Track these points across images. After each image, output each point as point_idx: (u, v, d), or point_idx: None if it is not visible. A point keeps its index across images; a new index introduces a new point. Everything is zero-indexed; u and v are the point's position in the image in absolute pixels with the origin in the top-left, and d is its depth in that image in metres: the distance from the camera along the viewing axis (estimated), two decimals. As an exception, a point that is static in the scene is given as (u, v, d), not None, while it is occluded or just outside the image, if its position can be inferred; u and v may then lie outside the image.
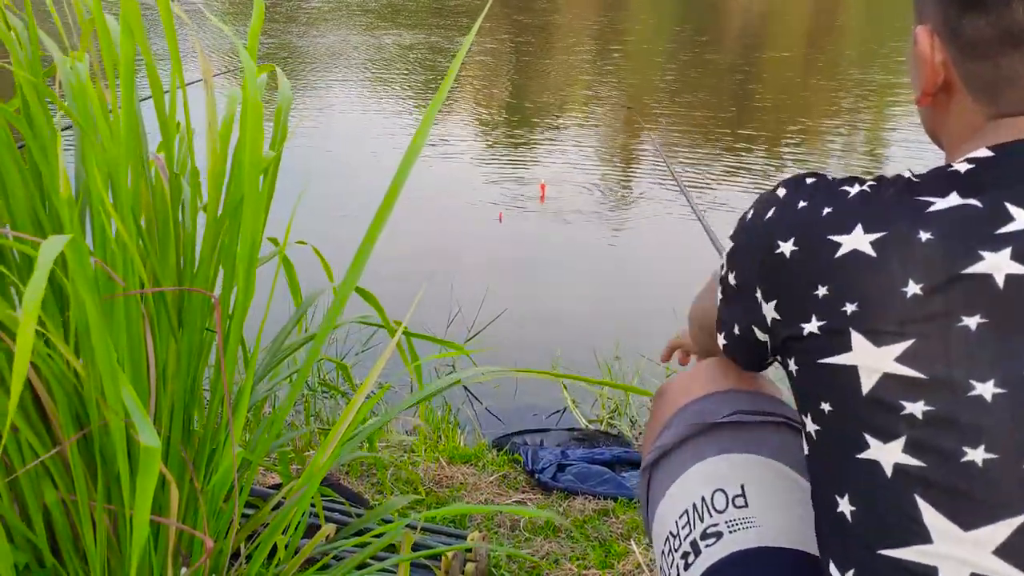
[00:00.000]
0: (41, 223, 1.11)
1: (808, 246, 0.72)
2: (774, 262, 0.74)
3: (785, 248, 0.73)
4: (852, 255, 0.69)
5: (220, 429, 1.19)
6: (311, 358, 1.18)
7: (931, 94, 0.79)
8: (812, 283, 0.71)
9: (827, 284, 0.70)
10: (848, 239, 0.70)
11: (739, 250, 0.81)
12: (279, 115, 1.20)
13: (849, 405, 0.69)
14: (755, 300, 0.78)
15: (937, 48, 0.77)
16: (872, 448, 0.68)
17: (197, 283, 1.15)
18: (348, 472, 2.08)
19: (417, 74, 9.10)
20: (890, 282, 0.67)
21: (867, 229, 0.69)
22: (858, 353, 0.68)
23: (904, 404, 0.66)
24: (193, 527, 1.18)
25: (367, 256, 1.10)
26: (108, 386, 0.93)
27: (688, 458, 0.96)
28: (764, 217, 0.77)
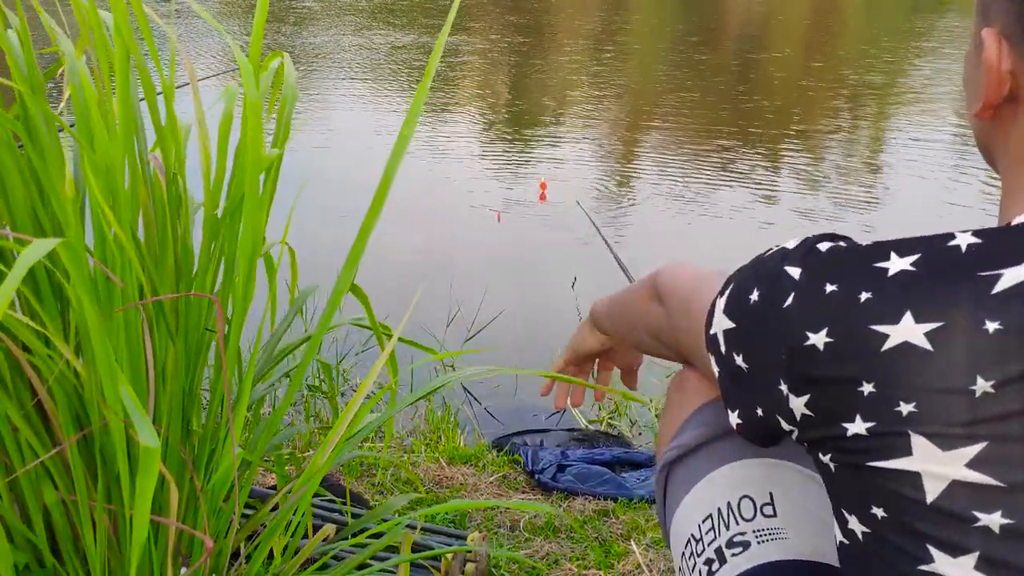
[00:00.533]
0: (41, 224, 1.11)
1: (846, 338, 0.62)
2: (803, 355, 0.64)
3: (817, 340, 0.64)
4: (903, 348, 0.60)
5: (220, 429, 1.20)
6: (307, 358, 1.18)
7: (994, 105, 0.69)
8: (854, 379, 0.62)
9: (873, 380, 0.61)
10: (896, 329, 0.60)
11: (746, 334, 0.71)
12: (282, 112, 1.20)
13: (909, 513, 0.61)
14: (778, 392, 0.68)
15: (1005, 54, 0.68)
16: (937, 563, 0.60)
17: (196, 284, 1.15)
18: (348, 472, 2.08)
19: (409, 74, 9.11)
20: (953, 380, 0.58)
21: (919, 318, 0.60)
22: (920, 458, 0.59)
23: (978, 515, 0.59)
24: (193, 527, 1.18)
25: (360, 255, 1.10)
26: (108, 386, 0.93)
27: (713, 459, 0.91)
28: (782, 305, 0.67)
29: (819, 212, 5.14)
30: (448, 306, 3.50)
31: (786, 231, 4.78)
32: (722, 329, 0.74)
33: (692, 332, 0.83)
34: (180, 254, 1.14)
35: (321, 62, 9.58)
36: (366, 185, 1.14)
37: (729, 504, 0.88)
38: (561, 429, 2.61)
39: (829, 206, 5.26)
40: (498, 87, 8.96)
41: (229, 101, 1.16)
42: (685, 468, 0.94)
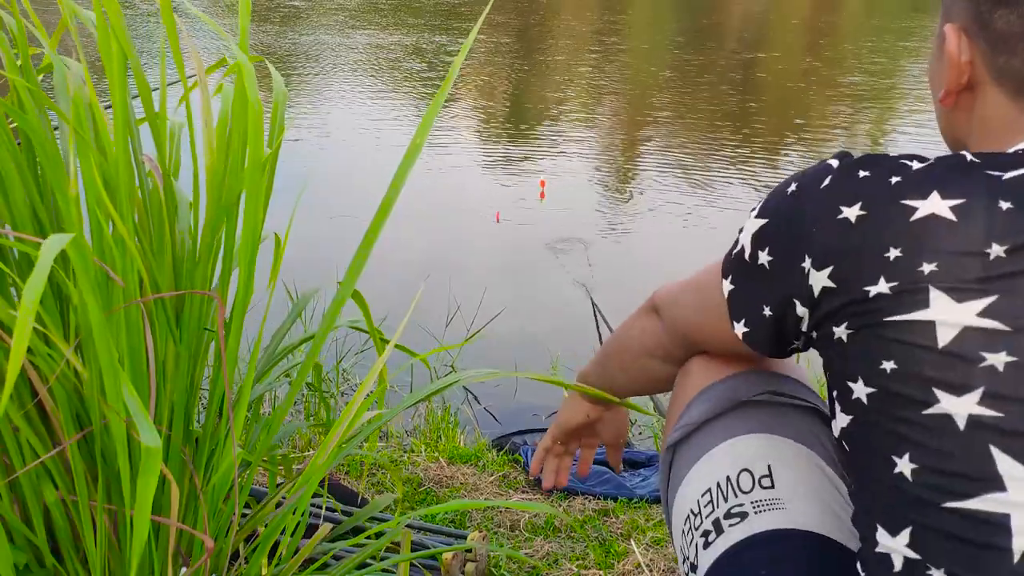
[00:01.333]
0: (41, 222, 1.11)
1: (878, 210, 0.71)
2: (835, 227, 0.73)
3: (850, 213, 0.72)
4: (931, 219, 0.69)
5: (220, 429, 1.19)
6: (310, 359, 1.18)
7: (955, 93, 0.80)
8: (883, 245, 0.70)
9: (900, 246, 0.69)
10: (925, 203, 0.69)
11: (777, 223, 0.79)
12: (275, 111, 1.20)
13: (919, 361, 0.68)
14: (799, 272, 0.76)
15: (964, 47, 0.78)
16: (942, 403, 0.68)
17: (195, 282, 1.15)
18: (348, 472, 2.08)
19: (396, 74, 9.11)
20: (972, 244, 0.67)
21: (944, 195, 0.69)
22: (936, 309, 0.67)
23: (985, 355, 0.66)
24: (193, 527, 1.18)
25: (365, 259, 1.10)
26: (109, 385, 0.93)
27: (716, 436, 0.94)
28: (819, 186, 0.76)
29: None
30: (447, 305, 3.50)
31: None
32: (751, 232, 0.81)
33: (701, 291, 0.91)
34: (178, 252, 1.14)
35: (306, 61, 9.59)
36: (357, 184, 1.14)
37: (728, 478, 0.90)
38: (561, 429, 2.61)
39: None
40: (496, 86, 8.96)
41: (225, 101, 1.16)
42: (687, 447, 0.96)
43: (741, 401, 0.94)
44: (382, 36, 11.32)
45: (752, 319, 0.83)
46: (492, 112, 7.86)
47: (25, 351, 0.69)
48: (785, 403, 0.94)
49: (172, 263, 1.12)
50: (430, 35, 11.38)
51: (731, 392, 0.96)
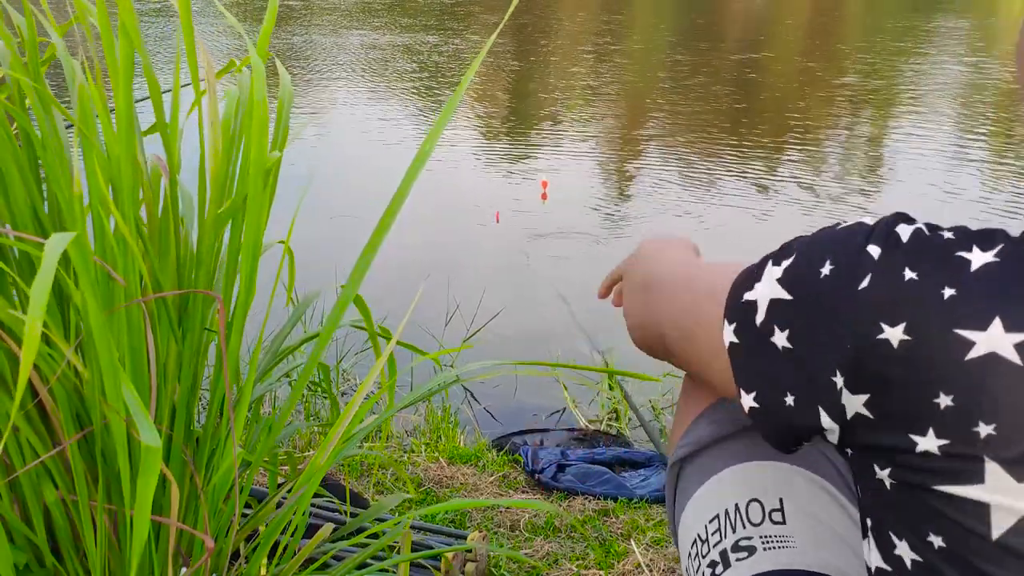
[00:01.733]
0: (41, 222, 1.11)
1: (926, 339, 0.56)
2: (874, 350, 0.57)
3: (892, 335, 0.57)
4: (990, 360, 0.54)
5: (220, 428, 1.19)
6: (313, 360, 1.18)
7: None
8: (932, 388, 0.55)
9: (952, 393, 0.54)
10: (983, 337, 0.54)
11: (803, 310, 0.63)
12: (280, 113, 1.20)
13: (971, 548, 0.56)
14: (828, 383, 0.61)
15: None
16: None
17: (198, 282, 1.15)
18: (348, 472, 2.08)
19: (395, 74, 9.11)
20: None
21: (1009, 326, 0.54)
22: (992, 487, 0.54)
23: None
24: (193, 527, 1.18)
25: (370, 261, 1.10)
26: (109, 385, 0.93)
27: (724, 458, 0.89)
28: (856, 286, 0.59)
29: (820, 209, 5.14)
30: (447, 306, 3.50)
31: (784, 225, 4.79)
32: (770, 298, 0.65)
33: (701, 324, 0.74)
34: (182, 253, 1.14)
35: (297, 60, 9.59)
36: (353, 184, 1.13)
37: (737, 506, 0.85)
38: (561, 429, 2.61)
39: (829, 202, 5.26)
40: (496, 85, 8.96)
41: (231, 104, 1.16)
42: (695, 466, 0.92)
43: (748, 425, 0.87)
44: (375, 36, 11.34)
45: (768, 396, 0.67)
46: (492, 112, 7.86)
47: (34, 359, 0.69)
48: None
49: (176, 264, 1.12)
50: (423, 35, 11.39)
51: (739, 414, 0.90)
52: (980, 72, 9.59)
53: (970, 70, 9.74)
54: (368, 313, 1.32)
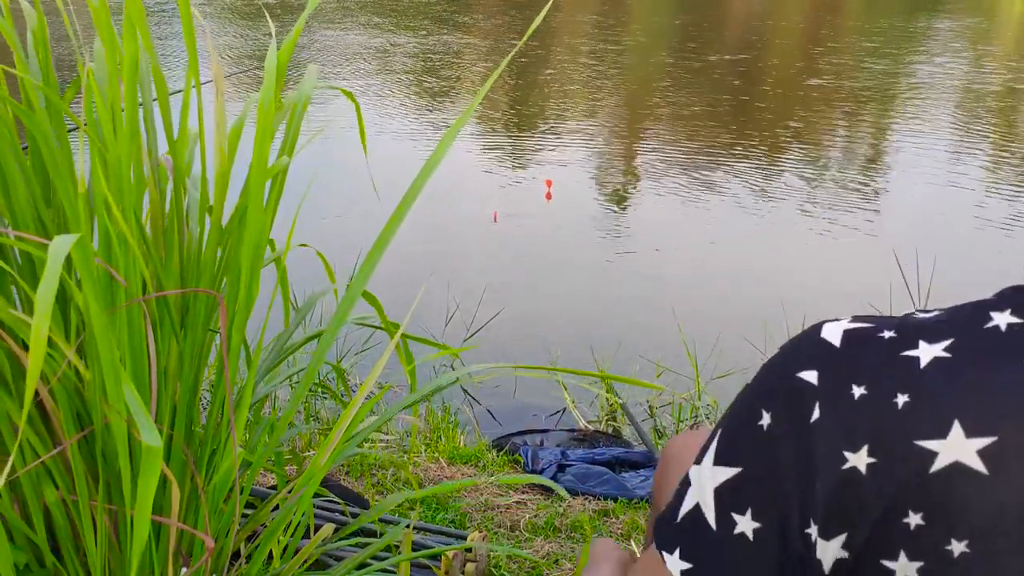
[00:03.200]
0: (44, 222, 1.11)
1: (890, 456, 0.51)
2: (844, 482, 0.52)
3: (857, 461, 0.51)
4: (954, 471, 0.49)
5: (221, 429, 1.19)
6: (316, 360, 1.18)
7: None
8: (901, 508, 0.51)
9: (921, 511, 0.50)
10: (944, 445, 0.50)
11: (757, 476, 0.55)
12: (291, 120, 1.19)
13: None
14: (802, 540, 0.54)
15: None
16: None
17: (201, 284, 1.15)
18: (348, 472, 2.08)
19: (397, 74, 9.12)
20: (1011, 511, 0.49)
21: (969, 431, 0.49)
22: None
23: None
24: (193, 527, 1.17)
25: (377, 261, 1.10)
26: (110, 385, 0.93)
27: None
28: (807, 419, 0.53)
29: (820, 207, 5.14)
30: (447, 305, 3.50)
31: (783, 223, 4.79)
32: (714, 487, 0.57)
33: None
34: (186, 255, 1.14)
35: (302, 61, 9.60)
36: (352, 183, 1.13)
37: None
38: (561, 429, 2.62)
39: (828, 201, 5.26)
40: (497, 85, 8.96)
41: (245, 107, 1.16)
42: None
43: None
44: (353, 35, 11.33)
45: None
46: (493, 113, 7.86)
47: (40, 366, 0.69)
48: None
49: (179, 265, 1.12)
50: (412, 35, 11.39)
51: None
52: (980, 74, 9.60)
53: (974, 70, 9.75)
54: (377, 303, 1.32)
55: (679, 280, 4.14)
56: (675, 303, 3.44)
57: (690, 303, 3.71)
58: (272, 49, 1.06)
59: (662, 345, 3.18)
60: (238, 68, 8.43)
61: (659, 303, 3.70)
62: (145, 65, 1.08)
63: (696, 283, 4.10)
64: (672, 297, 3.71)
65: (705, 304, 3.78)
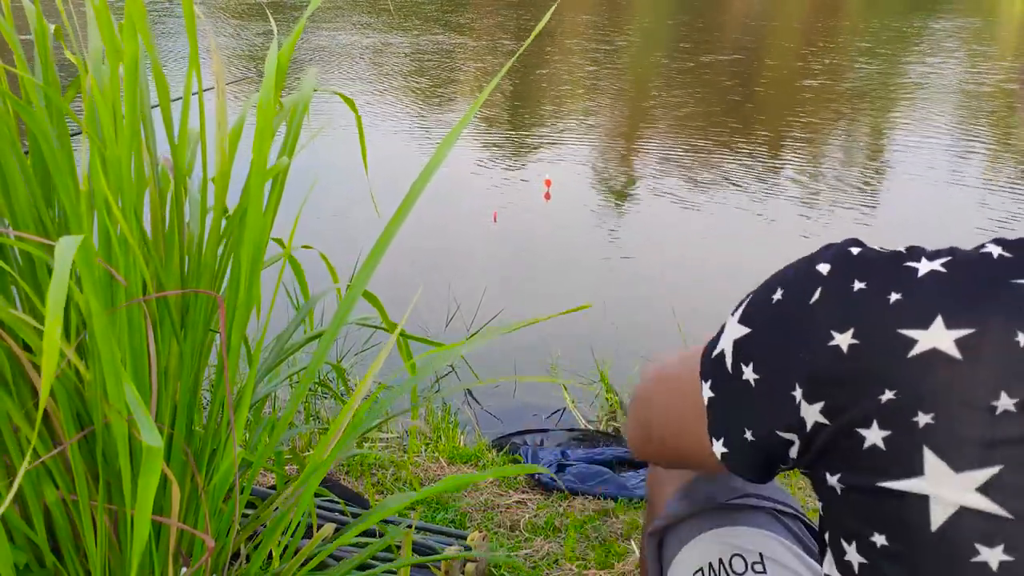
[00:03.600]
0: (44, 222, 1.11)
1: (872, 340, 0.58)
2: (826, 357, 0.59)
3: (841, 341, 0.59)
4: (931, 355, 0.56)
5: (221, 429, 1.19)
6: (317, 360, 1.18)
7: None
8: (877, 384, 0.57)
9: (895, 388, 0.56)
10: (925, 335, 0.56)
11: (762, 337, 0.65)
12: (292, 120, 1.19)
13: (912, 542, 0.57)
14: (789, 399, 0.62)
15: None
16: None
17: (202, 285, 1.15)
18: (348, 472, 2.08)
19: (391, 74, 9.12)
20: (976, 393, 0.54)
21: (950, 323, 0.55)
22: (932, 478, 0.55)
23: (979, 549, 0.55)
24: (194, 527, 1.17)
25: (378, 261, 1.10)
26: (111, 384, 0.93)
27: (703, 525, 0.95)
28: (807, 301, 0.62)
29: (820, 207, 5.14)
30: (447, 306, 3.50)
31: (782, 223, 4.79)
32: (733, 339, 0.67)
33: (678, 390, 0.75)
34: (187, 255, 1.14)
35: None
36: (352, 183, 1.12)
37: (721, 560, 0.91)
38: (561, 429, 2.62)
39: (828, 199, 5.26)
40: (500, 86, 8.96)
41: (247, 108, 1.16)
42: (676, 532, 0.98)
43: (721, 504, 0.96)
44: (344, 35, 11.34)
45: (732, 441, 0.69)
46: (493, 113, 7.86)
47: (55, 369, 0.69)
48: (768, 508, 0.96)
49: (180, 265, 1.12)
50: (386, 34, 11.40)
51: (710, 493, 0.97)
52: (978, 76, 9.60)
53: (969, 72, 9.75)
54: (379, 303, 1.32)
55: (679, 280, 4.14)
56: (675, 303, 3.44)
57: (690, 303, 3.71)
58: (273, 49, 1.06)
59: (662, 345, 3.18)
60: (231, 68, 8.44)
61: (659, 303, 3.70)
62: (145, 64, 1.08)
63: (696, 283, 4.11)
64: (672, 297, 3.71)
65: (705, 304, 3.78)
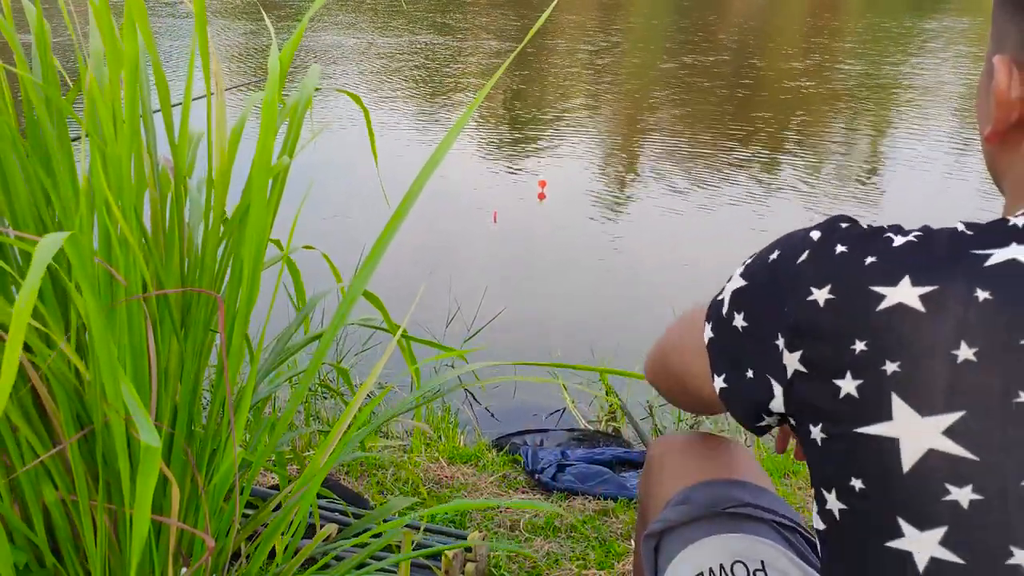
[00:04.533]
0: (45, 222, 1.11)
1: (846, 295, 0.64)
2: (805, 310, 0.65)
3: (819, 295, 0.65)
4: (897, 309, 0.61)
5: (221, 429, 1.19)
6: (316, 360, 1.18)
7: (1003, 131, 0.71)
8: (849, 336, 0.62)
9: (866, 339, 0.62)
10: (893, 291, 0.61)
11: (755, 290, 0.72)
12: (293, 119, 1.19)
13: (885, 484, 0.61)
14: (774, 347, 0.68)
15: (1016, 81, 0.69)
16: (907, 537, 0.60)
17: (202, 284, 1.15)
18: (348, 472, 2.08)
19: (383, 74, 9.12)
20: (939, 342, 0.59)
21: (916, 282, 0.61)
22: (900, 422, 0.60)
23: (949, 488, 0.58)
24: (194, 527, 1.17)
25: (378, 261, 1.10)
26: (109, 384, 0.93)
27: (703, 530, 0.95)
28: (796, 260, 0.68)
29: (818, 207, 5.14)
30: (448, 306, 3.50)
31: (782, 223, 4.78)
32: (732, 290, 0.74)
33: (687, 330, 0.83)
34: (187, 254, 1.14)
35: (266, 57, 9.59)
36: (352, 182, 1.12)
37: (722, 566, 0.91)
38: (561, 429, 2.62)
39: (828, 201, 5.26)
40: (495, 85, 8.96)
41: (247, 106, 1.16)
42: (676, 534, 0.98)
43: (721, 511, 0.96)
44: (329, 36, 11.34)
45: (732, 376, 0.75)
46: (490, 113, 7.86)
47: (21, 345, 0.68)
48: (767, 519, 0.97)
49: (180, 265, 1.12)
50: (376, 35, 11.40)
51: (710, 500, 0.97)
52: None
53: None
54: (380, 303, 1.32)
55: (679, 280, 4.14)
56: (675, 303, 3.44)
57: (690, 303, 3.70)
58: (274, 48, 1.06)
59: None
60: (230, 68, 8.44)
61: (659, 303, 3.70)
62: (146, 63, 1.08)
63: (695, 283, 4.11)
64: (672, 297, 3.71)
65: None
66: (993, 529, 0.57)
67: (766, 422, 0.75)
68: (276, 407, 2.44)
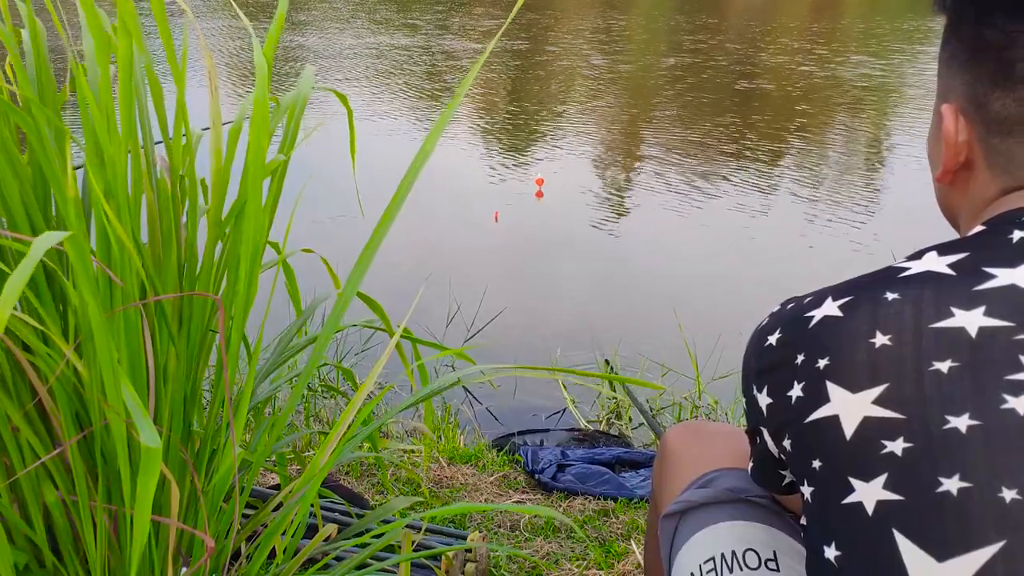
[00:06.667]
0: (41, 224, 1.11)
1: (789, 328, 0.77)
2: (762, 354, 0.79)
3: (772, 339, 0.78)
4: (823, 320, 0.74)
5: (221, 430, 1.19)
6: (313, 361, 1.18)
7: (952, 172, 0.80)
8: (793, 355, 0.75)
9: (803, 350, 0.74)
10: (819, 310, 0.75)
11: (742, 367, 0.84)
12: (290, 118, 1.19)
13: (836, 454, 0.71)
14: (755, 401, 0.80)
15: (962, 127, 0.78)
16: (856, 491, 0.69)
17: (200, 285, 1.15)
18: (348, 472, 2.08)
19: (376, 74, 9.12)
20: (858, 335, 0.71)
21: (836, 298, 0.74)
22: (837, 402, 0.71)
23: (885, 443, 0.68)
24: (193, 527, 1.18)
25: (370, 261, 1.10)
26: (109, 385, 0.93)
27: (720, 515, 0.99)
28: (759, 328, 0.82)
29: (820, 207, 5.14)
30: (448, 306, 3.50)
31: (782, 223, 4.79)
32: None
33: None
34: (184, 255, 1.14)
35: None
36: (349, 183, 1.12)
37: (734, 552, 0.95)
38: (561, 429, 2.62)
39: (828, 201, 5.26)
40: (493, 85, 8.96)
41: (244, 107, 1.16)
42: (693, 516, 1.01)
43: (742, 497, 1.00)
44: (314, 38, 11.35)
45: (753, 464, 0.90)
46: (487, 113, 7.86)
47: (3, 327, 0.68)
48: (787, 515, 0.99)
49: (177, 266, 1.12)
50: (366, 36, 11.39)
51: (732, 486, 1.01)
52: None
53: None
54: (378, 306, 1.32)
55: (679, 280, 4.14)
56: (675, 303, 3.44)
57: (690, 304, 3.71)
58: (256, 47, 1.06)
59: (663, 346, 3.18)
60: (230, 68, 8.43)
61: (659, 303, 3.70)
62: (139, 64, 1.08)
63: (695, 283, 4.11)
64: (672, 298, 3.71)
65: (705, 305, 3.78)
66: (923, 467, 0.67)
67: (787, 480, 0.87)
68: (277, 408, 2.45)
